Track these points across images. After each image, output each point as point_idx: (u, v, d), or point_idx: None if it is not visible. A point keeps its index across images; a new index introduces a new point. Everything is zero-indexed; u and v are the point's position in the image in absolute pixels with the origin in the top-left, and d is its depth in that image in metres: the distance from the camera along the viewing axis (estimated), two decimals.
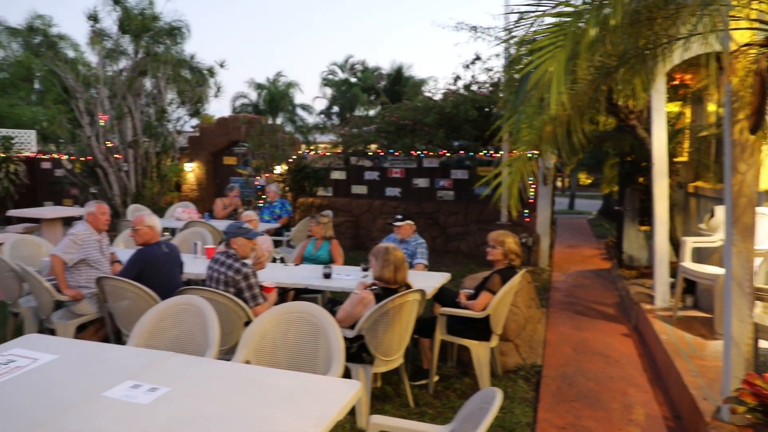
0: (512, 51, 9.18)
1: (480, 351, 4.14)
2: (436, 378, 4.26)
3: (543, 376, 4.56)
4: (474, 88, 10.14)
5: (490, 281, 4.15)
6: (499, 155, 9.35)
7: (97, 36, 11.44)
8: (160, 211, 9.33)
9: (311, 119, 31.04)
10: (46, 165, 13.06)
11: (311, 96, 36.48)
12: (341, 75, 31.35)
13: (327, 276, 4.61)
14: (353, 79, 30.88)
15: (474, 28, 9.69)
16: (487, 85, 10.10)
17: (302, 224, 7.69)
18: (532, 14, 3.02)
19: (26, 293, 4.87)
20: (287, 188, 10.34)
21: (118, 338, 4.42)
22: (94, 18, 11.26)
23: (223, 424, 2.05)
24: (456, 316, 4.16)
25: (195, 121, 12.56)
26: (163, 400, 2.21)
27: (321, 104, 37.25)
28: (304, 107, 31.92)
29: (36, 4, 42.48)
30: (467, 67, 10.23)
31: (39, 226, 9.10)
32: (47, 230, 8.78)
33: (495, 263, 4.33)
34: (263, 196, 10.13)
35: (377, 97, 28.07)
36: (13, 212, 9.08)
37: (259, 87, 31.66)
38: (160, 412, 2.13)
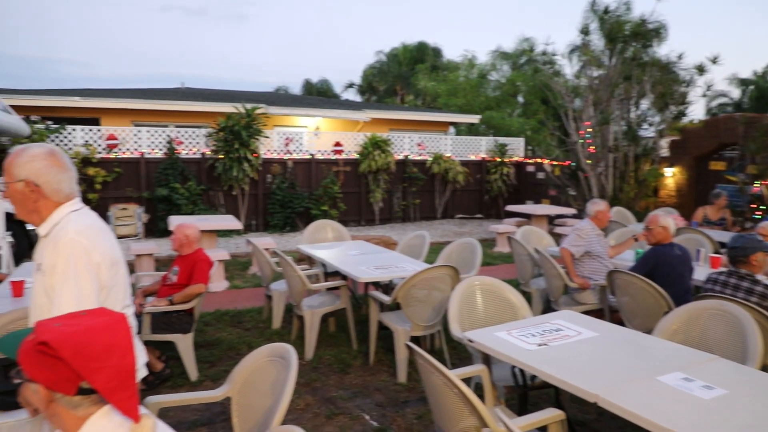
0: None
1: None
2: None
3: None
4: None
5: None
6: None
7: (585, 47, 12.14)
8: (636, 216, 9.25)
9: None
10: (530, 168, 14.70)
11: None
12: None
13: None
14: None
15: None
16: None
17: None
18: None
19: (537, 275, 5.57)
20: None
21: None
22: (585, 31, 11.99)
23: None
24: None
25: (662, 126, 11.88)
26: (723, 401, 2.14)
27: None
28: None
29: (525, 29, 48.36)
30: None
31: (528, 221, 10.32)
32: (535, 225, 9.87)
33: None
34: (761, 207, 8.80)
35: None
36: (511, 207, 10.62)
37: (743, 83, 27.72)
38: (720, 411, 2.06)
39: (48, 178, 1.83)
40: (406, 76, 31.55)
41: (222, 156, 11.27)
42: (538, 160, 14.48)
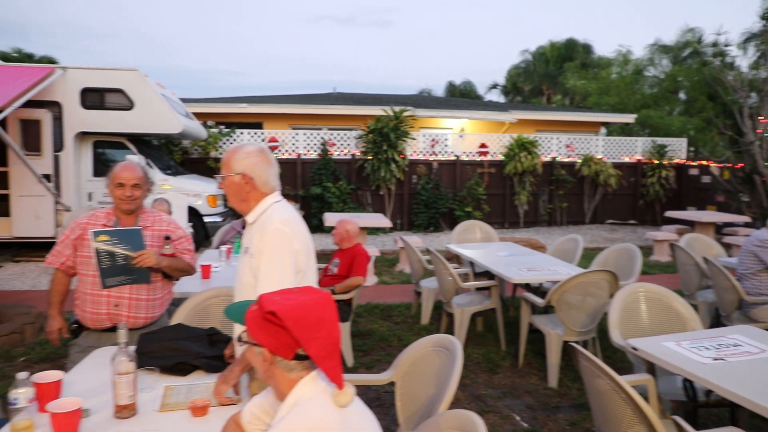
0: None
1: None
2: None
3: None
4: None
5: None
6: None
7: (767, 34, 10.88)
8: None
9: None
10: (693, 171, 13.46)
11: None
12: None
13: None
14: None
15: None
16: None
17: None
18: None
19: (704, 287, 5.12)
20: None
21: None
22: (766, 17, 10.76)
23: None
24: None
25: None
26: None
27: None
28: None
29: (689, 19, 44.01)
30: None
31: (691, 228, 9.48)
32: (700, 233, 9.03)
33: None
34: None
35: None
36: (671, 213, 9.83)
37: None
38: None
39: (259, 172, 2.11)
40: (554, 75, 30.43)
41: (371, 157, 11.77)
42: (703, 163, 13.21)
